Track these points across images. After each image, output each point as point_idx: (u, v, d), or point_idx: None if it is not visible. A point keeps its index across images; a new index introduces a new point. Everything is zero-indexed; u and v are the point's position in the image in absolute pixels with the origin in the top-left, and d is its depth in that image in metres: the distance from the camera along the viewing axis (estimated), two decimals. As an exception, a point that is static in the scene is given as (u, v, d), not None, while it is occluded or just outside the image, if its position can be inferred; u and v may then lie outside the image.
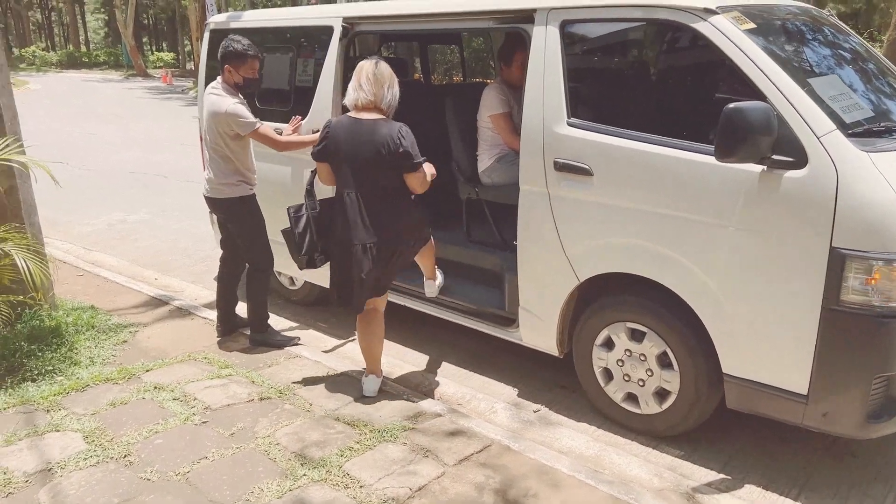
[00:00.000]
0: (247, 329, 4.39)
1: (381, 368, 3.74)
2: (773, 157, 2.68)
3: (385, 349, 3.77)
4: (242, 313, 4.46)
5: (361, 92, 3.35)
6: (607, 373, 3.46)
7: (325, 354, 4.25)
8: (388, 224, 3.42)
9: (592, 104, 3.36)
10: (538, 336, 3.66)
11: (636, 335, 3.29)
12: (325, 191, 3.79)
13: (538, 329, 3.64)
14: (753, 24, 2.95)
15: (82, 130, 15.21)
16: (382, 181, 3.38)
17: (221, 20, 5.14)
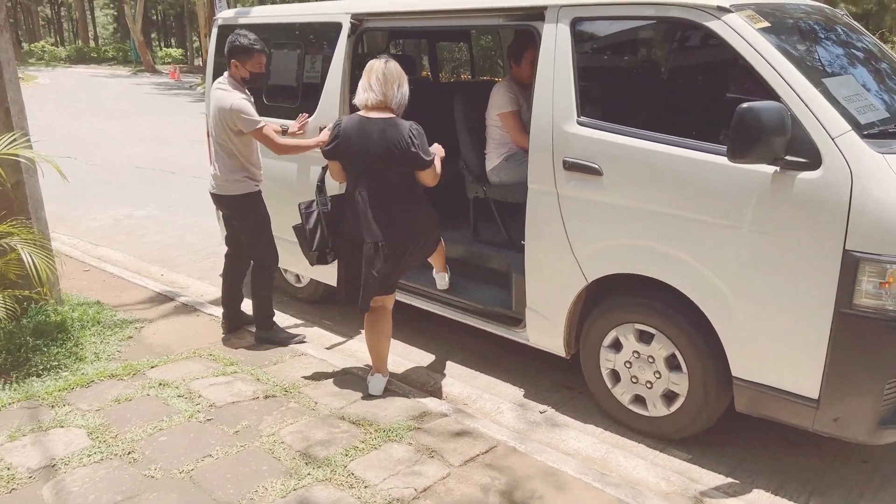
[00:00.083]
0: (252, 326, 4.38)
1: (387, 367, 3.73)
2: (787, 158, 2.64)
3: (391, 348, 3.75)
4: (248, 310, 4.44)
5: (371, 92, 3.35)
6: (615, 374, 3.43)
7: (331, 352, 4.24)
8: (399, 222, 3.43)
9: (603, 103, 3.33)
10: (545, 336, 3.63)
11: (644, 337, 3.26)
12: (333, 186, 3.77)
13: (545, 329, 3.61)
14: (767, 23, 2.91)
15: (90, 125, 15.24)
16: (393, 180, 3.39)
17: (230, 16, 5.12)
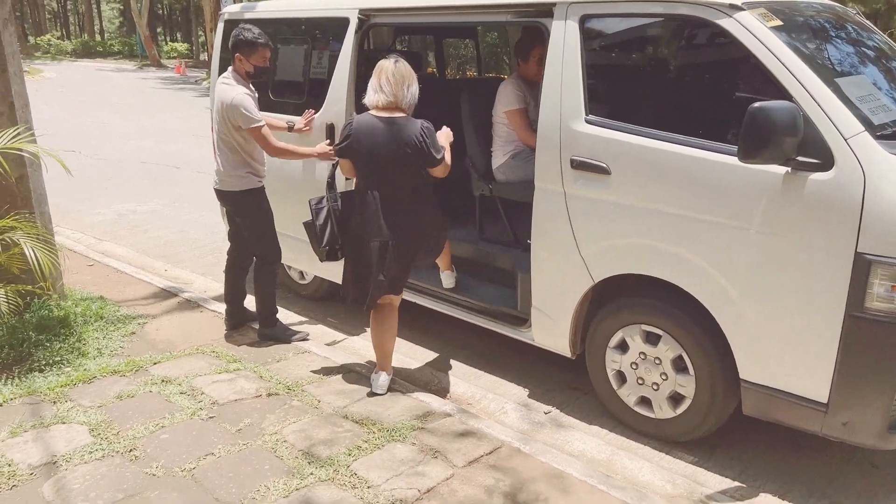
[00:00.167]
0: (256, 323, 4.36)
1: (391, 365, 3.70)
2: (798, 159, 2.60)
3: (395, 346, 3.73)
4: (251, 307, 4.42)
5: (382, 94, 3.37)
6: (620, 375, 3.40)
7: (334, 350, 4.21)
8: (409, 222, 3.44)
9: (611, 101, 3.29)
10: (550, 336, 3.60)
11: (651, 338, 3.22)
12: (341, 182, 3.75)
13: (550, 329, 3.58)
14: (779, 21, 2.87)
15: (95, 119, 15.24)
16: (404, 179, 3.41)
17: (236, 10, 5.10)
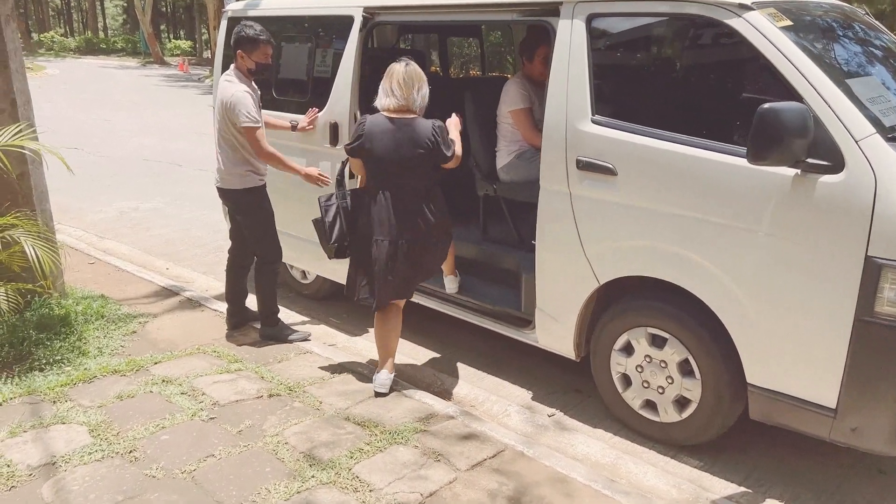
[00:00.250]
0: (257, 323, 4.33)
1: (394, 366, 3.67)
2: (808, 161, 2.57)
3: (398, 347, 3.70)
4: (253, 306, 4.39)
5: (393, 97, 3.39)
6: (625, 378, 3.36)
7: (336, 350, 4.18)
8: (419, 222, 3.45)
9: (618, 101, 3.26)
10: (555, 338, 3.57)
11: (657, 341, 3.19)
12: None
13: (555, 331, 3.54)
14: (789, 21, 2.83)
15: (98, 117, 15.21)
16: (415, 181, 3.43)
17: (239, 8, 5.06)
